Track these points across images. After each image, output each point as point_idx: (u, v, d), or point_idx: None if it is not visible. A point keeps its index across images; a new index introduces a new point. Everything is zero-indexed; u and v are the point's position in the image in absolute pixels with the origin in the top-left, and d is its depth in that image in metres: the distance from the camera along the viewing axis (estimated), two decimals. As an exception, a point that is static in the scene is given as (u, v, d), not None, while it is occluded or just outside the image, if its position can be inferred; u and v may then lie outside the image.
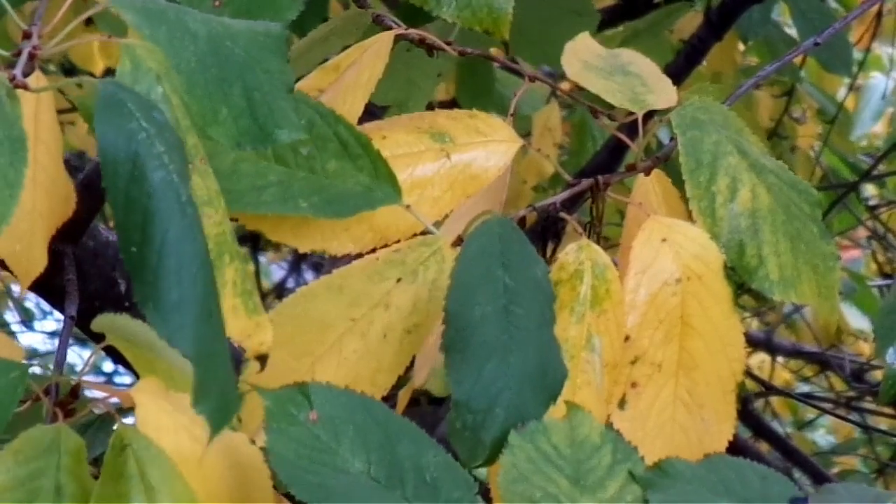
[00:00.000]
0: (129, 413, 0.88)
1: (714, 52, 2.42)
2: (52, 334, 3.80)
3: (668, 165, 1.11)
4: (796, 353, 3.37)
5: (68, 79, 0.84)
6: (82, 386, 0.95)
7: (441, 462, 0.89)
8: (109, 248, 1.28)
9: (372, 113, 1.12)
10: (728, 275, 1.05)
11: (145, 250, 0.74)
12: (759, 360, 3.41)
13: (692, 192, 1.06)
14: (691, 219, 1.06)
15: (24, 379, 0.85)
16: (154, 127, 0.76)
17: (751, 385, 2.88)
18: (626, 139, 1.16)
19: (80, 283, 1.15)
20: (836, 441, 3.70)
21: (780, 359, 3.39)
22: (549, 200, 1.08)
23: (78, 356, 3.06)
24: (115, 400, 0.92)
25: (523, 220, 1.07)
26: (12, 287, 3.53)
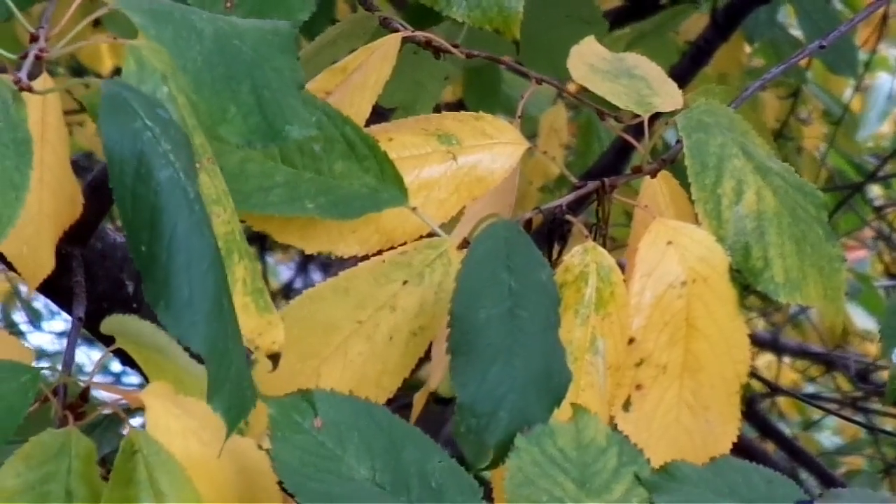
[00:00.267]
0: (137, 413, 0.89)
1: (720, 53, 2.41)
2: (61, 334, 3.80)
3: (676, 167, 1.11)
4: (802, 353, 3.37)
5: (74, 80, 0.84)
6: (91, 388, 0.96)
7: (446, 467, 0.90)
8: (117, 250, 1.28)
9: (380, 114, 1.12)
10: (734, 277, 1.05)
11: (155, 248, 0.74)
12: (766, 361, 3.41)
13: (698, 194, 1.06)
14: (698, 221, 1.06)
15: (36, 383, 0.85)
16: (159, 125, 0.76)
17: (757, 385, 2.88)
18: (632, 140, 1.16)
19: (88, 284, 1.15)
20: (843, 441, 3.69)
21: (786, 359, 3.38)
22: (555, 203, 1.08)
23: (86, 356, 3.06)
24: (123, 402, 0.92)
25: (529, 222, 1.07)
26: (21, 288, 3.53)
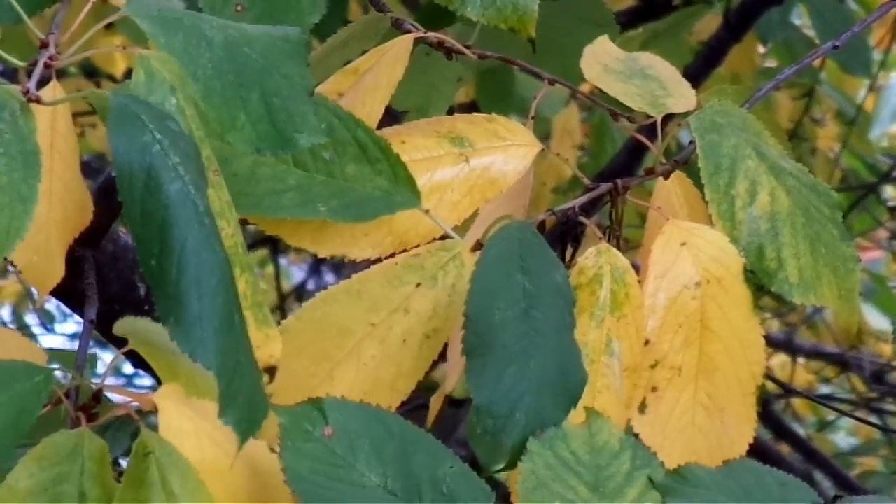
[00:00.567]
0: (149, 415, 0.89)
1: (733, 53, 2.41)
2: (73, 336, 3.80)
3: (689, 168, 1.11)
4: (817, 354, 3.36)
5: (82, 92, 0.84)
6: (104, 390, 0.96)
7: (458, 472, 0.89)
8: (129, 252, 1.28)
9: (393, 117, 1.12)
10: (748, 278, 1.04)
11: (165, 263, 0.74)
12: (780, 361, 3.40)
13: (711, 195, 1.06)
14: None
15: (49, 384, 0.85)
16: (168, 138, 0.76)
17: (771, 387, 2.87)
18: (645, 141, 1.16)
19: (99, 286, 1.15)
20: (858, 442, 3.69)
21: (801, 360, 3.38)
22: (569, 204, 1.08)
23: (98, 357, 3.06)
24: (135, 404, 0.92)
25: (543, 223, 1.06)
26: (32, 290, 3.53)
